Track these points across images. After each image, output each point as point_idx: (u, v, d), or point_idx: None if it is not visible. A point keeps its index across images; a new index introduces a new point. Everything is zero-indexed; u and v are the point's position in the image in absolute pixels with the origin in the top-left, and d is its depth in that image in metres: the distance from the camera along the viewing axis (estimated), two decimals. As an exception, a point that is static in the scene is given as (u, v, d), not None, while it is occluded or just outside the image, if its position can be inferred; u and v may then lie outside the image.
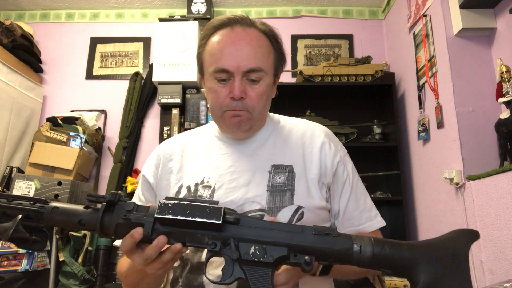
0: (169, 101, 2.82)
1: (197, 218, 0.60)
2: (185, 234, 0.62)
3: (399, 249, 0.60)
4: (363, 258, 0.60)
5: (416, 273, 0.59)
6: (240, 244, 0.61)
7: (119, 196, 0.65)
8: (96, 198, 0.65)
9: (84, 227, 0.65)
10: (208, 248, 0.61)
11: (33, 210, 0.65)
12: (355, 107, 3.01)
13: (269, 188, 0.85)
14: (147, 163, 0.99)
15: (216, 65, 0.84)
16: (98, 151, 2.95)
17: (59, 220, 0.65)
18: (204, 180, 0.88)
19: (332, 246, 0.60)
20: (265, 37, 0.89)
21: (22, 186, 2.38)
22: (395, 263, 0.60)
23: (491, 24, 2.04)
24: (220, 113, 0.87)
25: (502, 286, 0.92)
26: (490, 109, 2.00)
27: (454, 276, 0.58)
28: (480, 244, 1.78)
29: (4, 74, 2.60)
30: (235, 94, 0.83)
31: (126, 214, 0.63)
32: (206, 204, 0.62)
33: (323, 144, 0.92)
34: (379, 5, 3.27)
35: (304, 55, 3.21)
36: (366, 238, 0.62)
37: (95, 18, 3.33)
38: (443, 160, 2.15)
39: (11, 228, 0.61)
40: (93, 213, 0.65)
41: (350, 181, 0.93)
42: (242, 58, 0.83)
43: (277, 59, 0.92)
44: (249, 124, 0.88)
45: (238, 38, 0.85)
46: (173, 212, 0.61)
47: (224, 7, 3.30)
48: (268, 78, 0.88)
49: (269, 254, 0.60)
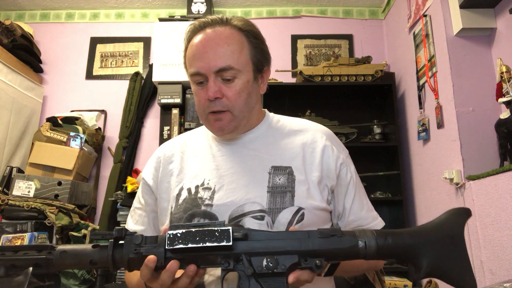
0: (169, 101, 2.82)
1: (208, 244, 0.62)
2: (197, 258, 0.64)
3: (401, 237, 0.63)
4: (369, 252, 0.63)
5: (419, 258, 0.62)
6: (252, 259, 0.63)
7: (125, 231, 0.66)
8: (102, 236, 0.66)
9: (96, 266, 0.66)
10: (222, 267, 0.63)
11: (41, 258, 0.65)
12: (355, 107, 3.01)
13: (269, 189, 0.85)
14: (147, 166, 0.99)
15: (190, 69, 0.87)
16: (98, 151, 2.95)
17: (69, 263, 0.65)
18: (204, 182, 0.88)
19: (339, 246, 0.63)
20: (239, 33, 0.88)
21: (22, 186, 2.38)
22: (398, 252, 0.63)
23: (491, 24, 2.04)
24: (204, 116, 0.89)
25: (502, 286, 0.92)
26: (490, 109, 2.00)
27: (453, 256, 0.62)
28: (480, 244, 1.78)
29: (4, 74, 2.60)
30: (208, 95, 0.84)
31: (136, 248, 0.64)
32: (214, 228, 0.63)
33: (325, 147, 0.92)
34: (379, 5, 3.27)
35: (304, 55, 3.21)
36: (369, 232, 0.65)
37: (95, 18, 3.33)
38: (443, 160, 2.15)
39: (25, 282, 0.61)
40: (102, 251, 0.65)
41: (354, 182, 0.93)
42: (211, 59, 0.84)
43: (255, 54, 0.90)
44: (233, 125, 0.88)
45: (207, 39, 0.86)
46: (183, 241, 0.62)
47: (224, 7, 3.30)
48: (245, 75, 0.87)
49: (281, 263, 0.62)
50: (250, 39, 0.90)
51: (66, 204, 2.40)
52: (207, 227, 0.63)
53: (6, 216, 2.28)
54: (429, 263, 0.61)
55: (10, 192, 2.38)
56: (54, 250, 0.65)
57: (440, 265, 0.61)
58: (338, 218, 0.92)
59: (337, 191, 0.91)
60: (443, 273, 0.61)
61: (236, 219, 0.82)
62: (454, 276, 0.61)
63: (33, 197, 2.37)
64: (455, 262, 0.62)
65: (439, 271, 0.61)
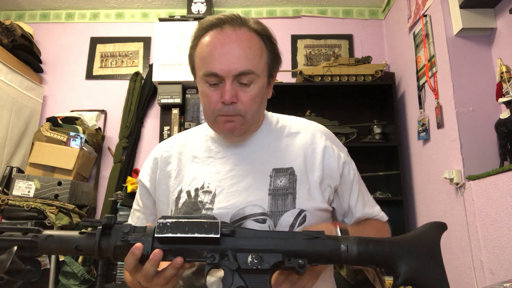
0: (169, 101, 2.82)
1: (196, 234, 0.63)
2: (183, 251, 0.64)
3: (381, 245, 0.66)
4: (350, 257, 0.64)
5: (397, 266, 0.64)
6: (238, 255, 0.64)
7: (115, 219, 0.66)
8: (91, 222, 0.65)
9: (81, 252, 0.65)
10: (208, 261, 0.64)
11: (26, 240, 0.64)
12: (355, 107, 3.01)
13: (271, 192, 0.84)
14: (144, 167, 0.97)
15: (206, 69, 0.82)
16: (98, 151, 2.95)
17: (54, 248, 0.65)
18: (204, 185, 0.87)
19: (322, 248, 0.65)
20: (257, 37, 0.85)
21: (22, 186, 2.38)
22: (378, 259, 0.65)
23: (491, 24, 2.04)
24: (213, 117, 0.85)
25: (502, 286, 0.92)
26: (490, 109, 2.00)
27: (430, 265, 0.65)
28: (480, 244, 1.78)
29: (4, 74, 2.60)
30: (225, 99, 0.80)
31: (124, 236, 0.64)
32: (203, 220, 0.64)
33: (326, 148, 0.91)
34: (379, 5, 3.27)
35: (304, 55, 3.21)
36: (351, 238, 0.66)
37: (95, 18, 3.33)
38: (443, 160, 2.15)
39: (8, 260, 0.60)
40: (89, 238, 0.65)
41: (357, 179, 0.94)
42: (232, 62, 0.80)
43: (271, 59, 0.88)
44: (243, 129, 0.86)
45: (227, 39, 0.81)
46: (172, 230, 0.63)
47: (224, 7, 3.30)
48: (261, 80, 0.84)
49: (265, 261, 0.64)
50: (267, 43, 0.87)
51: (66, 204, 2.40)
52: (197, 219, 0.64)
53: (6, 216, 2.28)
54: (406, 270, 0.64)
55: (10, 192, 2.38)
56: (40, 233, 0.65)
57: (417, 273, 0.64)
58: (344, 216, 0.93)
59: (342, 189, 0.92)
60: (419, 281, 0.64)
61: (237, 222, 0.81)
62: (430, 284, 0.64)
63: (33, 197, 2.37)
64: (431, 271, 0.64)
65: (416, 279, 0.64)
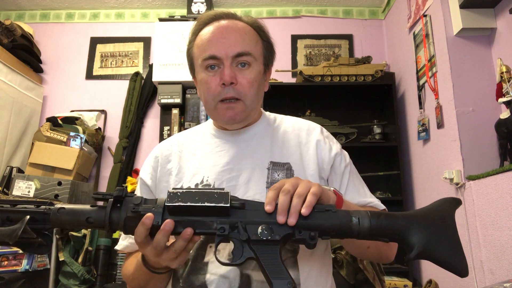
0: (169, 101, 2.82)
1: (206, 203, 0.62)
2: (193, 222, 0.64)
3: (394, 219, 0.64)
4: (362, 230, 0.63)
5: (411, 239, 0.63)
6: (248, 227, 0.64)
7: (126, 192, 0.66)
8: (103, 195, 0.65)
9: (92, 225, 0.65)
10: (218, 232, 0.63)
11: (39, 212, 0.64)
12: (355, 107, 3.01)
13: (268, 185, 0.85)
14: (145, 165, 0.99)
15: (205, 53, 0.87)
16: (98, 151, 2.95)
17: (66, 220, 0.65)
18: (204, 179, 0.88)
19: (333, 220, 0.64)
20: (251, 28, 0.92)
21: (22, 186, 2.38)
22: (391, 232, 0.64)
23: (491, 24, 2.04)
24: (213, 104, 0.88)
25: (502, 286, 0.92)
26: (490, 109, 2.00)
27: (445, 239, 0.63)
28: (480, 244, 1.78)
29: (4, 74, 2.60)
30: (225, 79, 0.84)
31: (135, 207, 0.64)
32: (213, 190, 0.64)
33: (318, 142, 0.94)
34: (379, 5, 3.27)
35: (304, 55, 3.21)
36: (363, 211, 0.65)
37: (95, 18, 3.33)
38: (443, 160, 2.15)
39: (20, 228, 0.60)
40: (100, 210, 0.65)
41: (349, 171, 0.94)
42: (230, 44, 0.85)
43: (266, 49, 0.93)
44: (244, 115, 0.89)
45: (224, 27, 0.88)
46: (182, 199, 0.62)
47: (224, 7, 3.30)
48: (258, 64, 0.89)
49: (276, 233, 0.63)
50: (260, 33, 0.93)
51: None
52: (207, 190, 0.64)
53: (6, 216, 2.28)
54: (420, 244, 0.62)
55: (10, 192, 2.38)
56: (52, 206, 0.65)
57: (431, 247, 0.62)
58: None
59: (331, 179, 0.93)
60: (434, 254, 0.62)
61: None
62: (445, 258, 0.62)
63: (33, 197, 2.37)
64: (446, 245, 0.62)
65: (430, 252, 0.62)
